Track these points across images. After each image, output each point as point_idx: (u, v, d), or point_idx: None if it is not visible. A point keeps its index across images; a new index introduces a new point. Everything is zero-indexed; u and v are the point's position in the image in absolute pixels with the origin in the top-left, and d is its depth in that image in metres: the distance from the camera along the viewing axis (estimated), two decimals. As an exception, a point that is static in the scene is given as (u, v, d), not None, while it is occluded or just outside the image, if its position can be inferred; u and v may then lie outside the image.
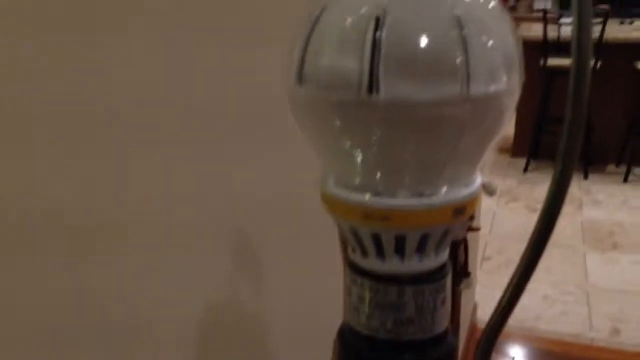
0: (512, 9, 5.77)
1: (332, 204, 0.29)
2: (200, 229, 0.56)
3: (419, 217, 0.28)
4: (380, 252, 0.29)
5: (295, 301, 0.75)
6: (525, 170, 3.98)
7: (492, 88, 0.26)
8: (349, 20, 0.26)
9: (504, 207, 3.46)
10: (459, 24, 0.25)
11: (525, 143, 4.00)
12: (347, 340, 0.32)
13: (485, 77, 0.26)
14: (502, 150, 4.32)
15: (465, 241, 1.85)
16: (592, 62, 0.26)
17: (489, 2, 0.28)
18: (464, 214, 0.29)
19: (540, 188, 3.70)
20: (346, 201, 0.29)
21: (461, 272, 1.91)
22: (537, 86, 3.71)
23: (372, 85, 0.25)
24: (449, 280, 0.31)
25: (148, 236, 0.50)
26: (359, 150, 0.27)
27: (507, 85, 0.27)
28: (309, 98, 0.27)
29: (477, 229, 1.92)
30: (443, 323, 0.31)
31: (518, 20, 5.07)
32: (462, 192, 0.29)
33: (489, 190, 1.94)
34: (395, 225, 0.28)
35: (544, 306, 2.55)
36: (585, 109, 0.27)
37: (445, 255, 0.31)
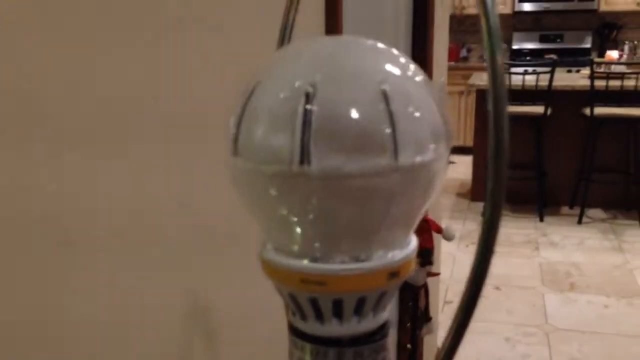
0: (464, 59, 5.98)
1: (271, 270, 0.30)
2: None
3: (354, 282, 0.29)
4: (319, 315, 0.30)
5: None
6: (484, 213, 4.05)
7: (419, 158, 0.28)
8: (280, 95, 0.27)
9: (464, 251, 3.50)
10: (386, 98, 0.27)
11: (483, 187, 4.08)
12: (290, 404, 0.32)
13: (413, 147, 0.27)
14: (460, 195, 4.40)
15: (425, 286, 1.87)
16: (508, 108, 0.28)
17: (415, 76, 0.29)
18: (398, 277, 0.30)
19: (499, 230, 3.76)
20: (284, 267, 0.29)
21: (422, 316, 1.91)
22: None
23: (304, 158, 0.26)
24: (388, 340, 0.32)
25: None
26: (294, 218, 0.28)
27: (434, 154, 0.29)
28: (244, 169, 0.28)
29: (437, 274, 1.94)
30: (384, 383, 0.32)
31: (470, 70, 5.25)
32: (396, 256, 0.30)
33: (447, 235, 1.97)
34: (331, 290, 0.29)
35: (506, 348, 2.56)
36: (506, 151, 0.29)
37: (384, 316, 0.32)
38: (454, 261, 3.34)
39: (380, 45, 0.30)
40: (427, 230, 1.85)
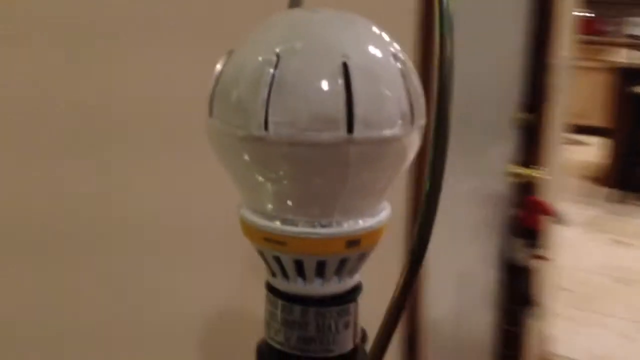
0: (601, 33, 5.34)
1: (243, 226, 0.32)
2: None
3: (312, 245, 0.30)
4: (284, 273, 0.32)
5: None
6: (616, 201, 3.77)
7: (376, 132, 0.28)
8: (248, 64, 0.29)
9: (590, 239, 3.29)
10: (346, 72, 0.28)
11: (617, 174, 3.80)
12: (262, 353, 0.35)
13: (370, 122, 0.28)
14: (592, 180, 4.11)
15: (529, 268, 1.80)
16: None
17: (385, 55, 0.30)
18: (359, 245, 0.31)
19: (630, 219, 3.50)
20: (251, 224, 0.32)
21: (525, 299, 1.85)
22: (628, 114, 3.52)
23: (263, 123, 0.28)
24: (354, 305, 0.33)
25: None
26: (260, 180, 0.30)
27: (397, 130, 0.29)
28: (216, 130, 0.30)
29: (546, 258, 1.85)
30: (345, 344, 0.33)
31: (605, 45, 4.82)
32: (357, 225, 0.31)
33: (561, 219, 1.88)
34: (291, 250, 0.31)
35: (620, 343, 2.42)
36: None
37: (352, 282, 0.33)
38: (574, 248, 3.17)
39: (360, 21, 0.31)
40: (537, 211, 1.77)
